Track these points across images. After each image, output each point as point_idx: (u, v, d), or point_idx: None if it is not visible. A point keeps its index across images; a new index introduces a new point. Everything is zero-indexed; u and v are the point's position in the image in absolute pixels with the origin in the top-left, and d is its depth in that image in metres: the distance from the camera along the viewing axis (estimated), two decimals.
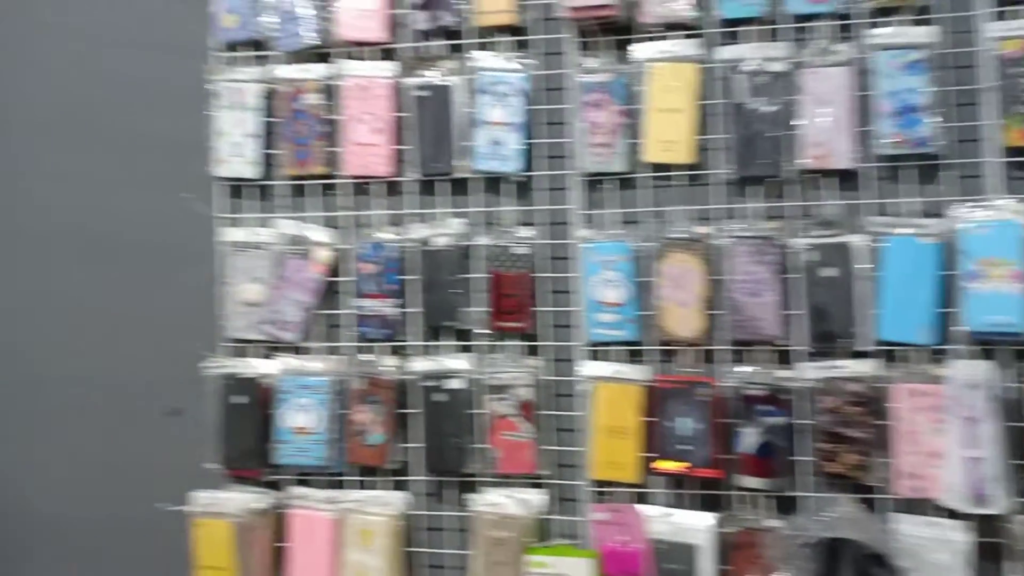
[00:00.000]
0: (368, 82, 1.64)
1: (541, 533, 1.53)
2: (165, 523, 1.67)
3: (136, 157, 1.82)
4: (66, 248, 1.85)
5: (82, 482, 1.83)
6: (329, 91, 1.66)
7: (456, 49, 1.61)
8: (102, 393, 1.82)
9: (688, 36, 1.49)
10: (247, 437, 1.65)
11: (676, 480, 1.48)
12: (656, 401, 1.48)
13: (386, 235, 1.64)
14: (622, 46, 1.54)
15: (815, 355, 1.43)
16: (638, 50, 1.51)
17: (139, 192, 1.81)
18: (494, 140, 1.57)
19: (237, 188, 1.73)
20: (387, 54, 1.65)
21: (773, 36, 1.47)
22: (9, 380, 1.88)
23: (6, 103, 1.89)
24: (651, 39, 1.50)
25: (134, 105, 1.81)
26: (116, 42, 1.82)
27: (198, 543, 1.61)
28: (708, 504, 1.47)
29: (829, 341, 1.42)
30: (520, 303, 1.56)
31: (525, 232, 1.57)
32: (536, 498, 1.53)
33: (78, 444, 1.84)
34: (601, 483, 1.52)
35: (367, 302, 1.64)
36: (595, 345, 1.53)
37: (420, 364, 1.59)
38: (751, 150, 1.47)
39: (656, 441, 1.47)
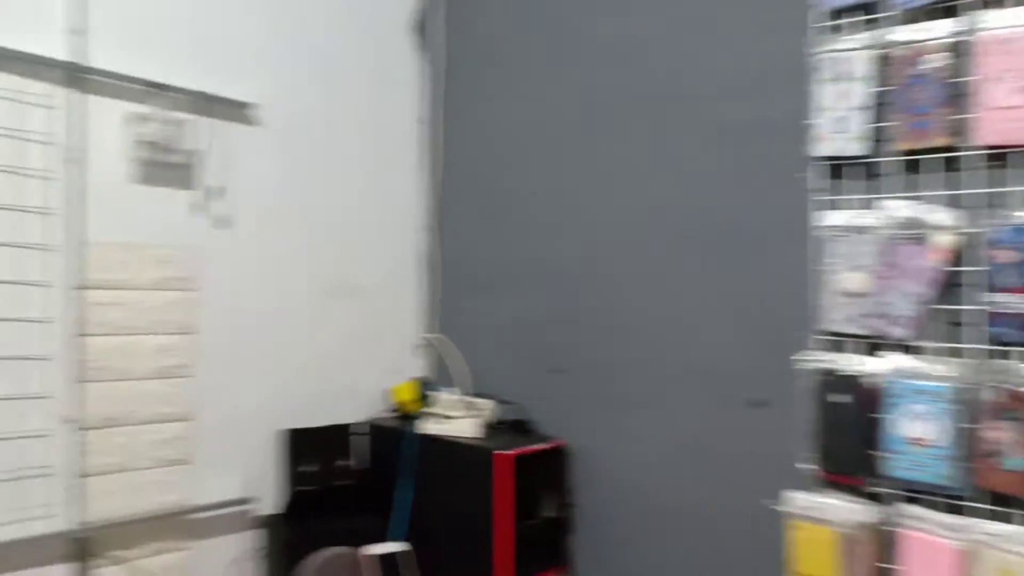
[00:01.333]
0: (1012, 33, 1.36)
1: None
2: (749, 514, 1.64)
3: (727, 141, 1.79)
4: (662, 235, 1.91)
5: (672, 466, 1.87)
6: (957, 50, 1.42)
7: None
8: (692, 378, 1.84)
9: None
10: (849, 441, 1.51)
11: None
12: None
13: None
14: None
15: None
16: None
17: (729, 177, 1.78)
18: None
19: (837, 167, 1.58)
20: None
21: None
22: (611, 362, 2.00)
23: (617, 101, 2.02)
24: None
25: (729, 89, 1.78)
26: (714, 28, 1.82)
27: (797, 546, 1.52)
28: None
29: None
30: None
31: None
32: None
33: (669, 428, 1.88)
34: None
35: (1003, 297, 1.38)
36: None
37: None
38: None
39: None
